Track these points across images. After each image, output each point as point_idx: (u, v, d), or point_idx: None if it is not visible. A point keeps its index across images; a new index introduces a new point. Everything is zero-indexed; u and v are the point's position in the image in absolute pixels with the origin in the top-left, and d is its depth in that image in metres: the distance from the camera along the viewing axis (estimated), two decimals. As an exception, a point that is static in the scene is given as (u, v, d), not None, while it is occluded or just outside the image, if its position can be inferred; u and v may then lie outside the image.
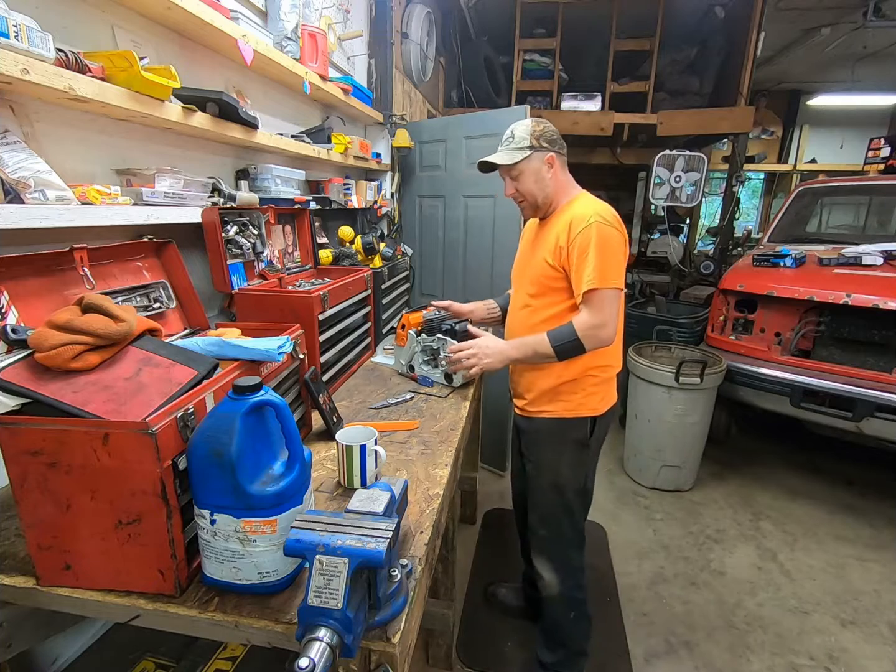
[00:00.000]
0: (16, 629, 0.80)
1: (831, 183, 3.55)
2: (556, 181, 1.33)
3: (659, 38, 3.88)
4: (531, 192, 1.32)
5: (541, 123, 1.31)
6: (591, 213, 1.23)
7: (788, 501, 2.59)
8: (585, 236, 1.22)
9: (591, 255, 1.21)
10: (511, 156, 1.30)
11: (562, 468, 1.40)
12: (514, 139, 1.31)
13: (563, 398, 1.37)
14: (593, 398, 1.38)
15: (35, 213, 0.85)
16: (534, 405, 1.41)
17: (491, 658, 1.68)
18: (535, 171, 1.31)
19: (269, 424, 0.72)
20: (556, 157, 1.32)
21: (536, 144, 1.29)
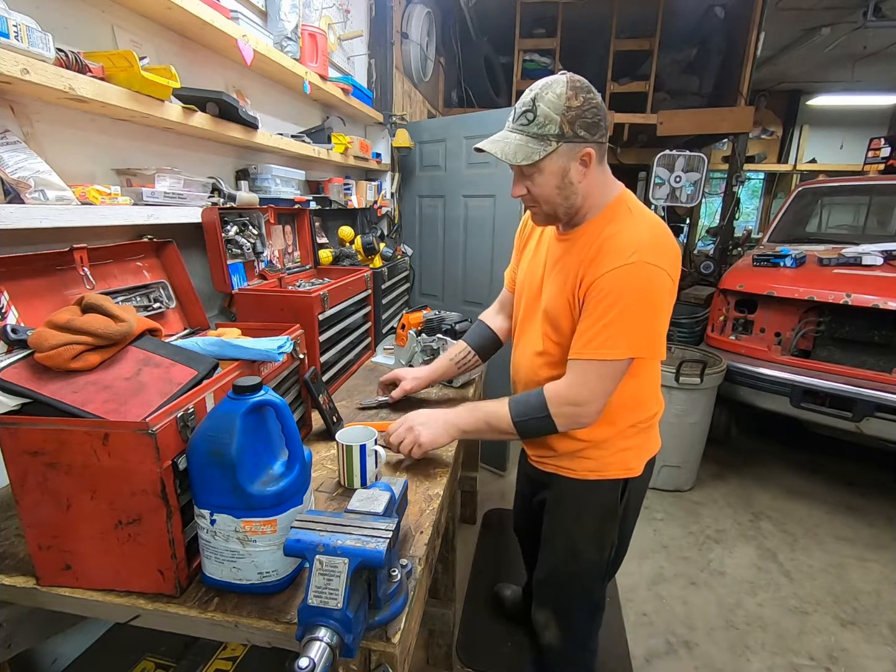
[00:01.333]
0: (16, 629, 0.80)
1: (831, 183, 3.55)
2: (589, 184, 0.92)
3: (659, 38, 3.88)
4: (549, 199, 0.93)
5: (579, 94, 0.85)
6: (634, 245, 0.86)
7: (788, 501, 2.59)
8: (621, 279, 0.86)
9: (622, 306, 0.86)
10: (527, 150, 0.87)
11: (579, 537, 1.13)
12: (535, 117, 0.86)
13: (587, 456, 1.07)
14: (627, 454, 1.07)
15: (35, 213, 0.85)
16: (549, 461, 1.13)
17: (491, 659, 1.68)
18: (560, 172, 0.89)
19: (269, 424, 0.72)
20: (596, 150, 0.89)
21: (569, 132, 0.85)
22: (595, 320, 0.89)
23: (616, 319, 0.87)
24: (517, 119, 0.89)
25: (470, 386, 1.51)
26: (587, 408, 0.93)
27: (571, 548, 1.14)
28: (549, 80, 0.88)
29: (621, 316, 0.87)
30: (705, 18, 4.00)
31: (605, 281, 0.87)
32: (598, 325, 0.89)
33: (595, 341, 0.89)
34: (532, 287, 1.10)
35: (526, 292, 1.13)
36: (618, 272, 0.86)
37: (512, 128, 0.90)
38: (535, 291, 1.08)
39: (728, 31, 3.91)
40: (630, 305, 0.86)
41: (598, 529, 1.12)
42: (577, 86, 0.87)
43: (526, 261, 1.16)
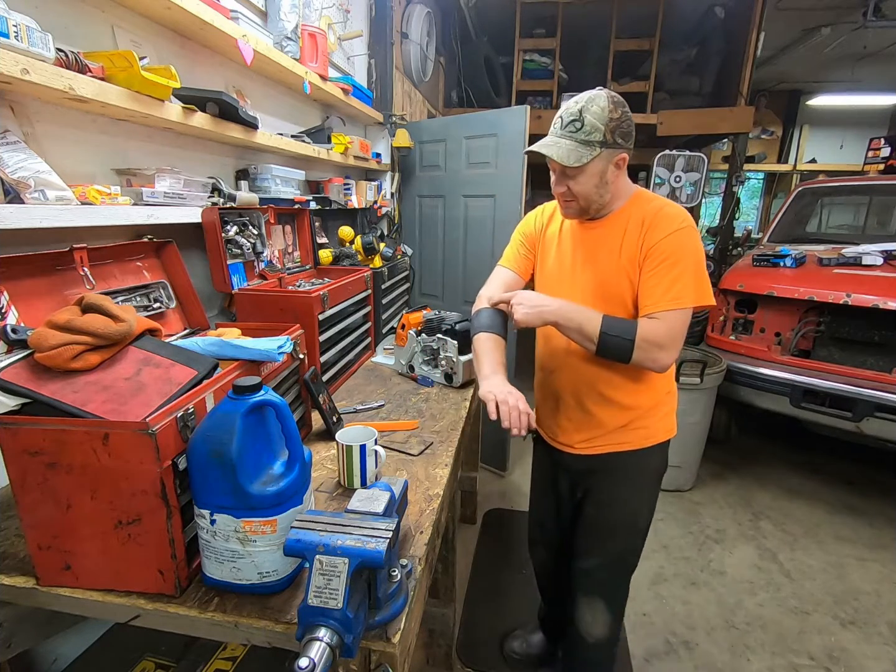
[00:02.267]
0: (16, 629, 0.80)
1: (831, 183, 3.55)
2: (618, 184, 1.07)
3: (659, 38, 3.88)
4: (588, 196, 1.05)
5: (619, 108, 1.00)
6: (681, 215, 1.03)
7: (788, 501, 2.59)
8: (677, 241, 1.01)
9: (685, 264, 1.00)
10: (577, 154, 1.00)
11: (639, 505, 1.22)
12: (583, 125, 0.99)
13: (638, 425, 1.17)
14: (669, 417, 1.21)
15: (35, 213, 0.85)
16: (599, 441, 1.20)
17: (491, 658, 1.68)
18: (600, 173, 1.03)
19: (269, 424, 0.72)
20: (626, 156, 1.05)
21: (610, 139, 1.00)
22: (664, 275, 1.01)
23: (683, 273, 1.00)
24: (565, 126, 1.02)
25: (470, 386, 1.51)
26: (668, 352, 1.02)
27: (632, 519, 1.22)
28: (591, 95, 1.01)
29: (686, 270, 1.00)
30: (705, 18, 4.00)
31: (667, 243, 1.01)
32: (668, 279, 1.01)
33: (671, 292, 1.01)
34: (563, 277, 1.18)
35: (555, 283, 1.20)
36: (676, 235, 1.01)
37: (560, 134, 1.03)
38: (567, 279, 1.17)
39: (728, 31, 3.91)
40: (690, 261, 1.01)
41: (651, 492, 1.23)
42: (616, 100, 1.01)
43: (551, 255, 1.22)
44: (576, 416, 1.21)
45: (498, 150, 2.34)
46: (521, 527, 2.35)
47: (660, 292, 1.02)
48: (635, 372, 1.11)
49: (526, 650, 1.65)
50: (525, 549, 2.17)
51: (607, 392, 1.15)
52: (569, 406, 1.22)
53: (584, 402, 1.18)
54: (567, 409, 1.22)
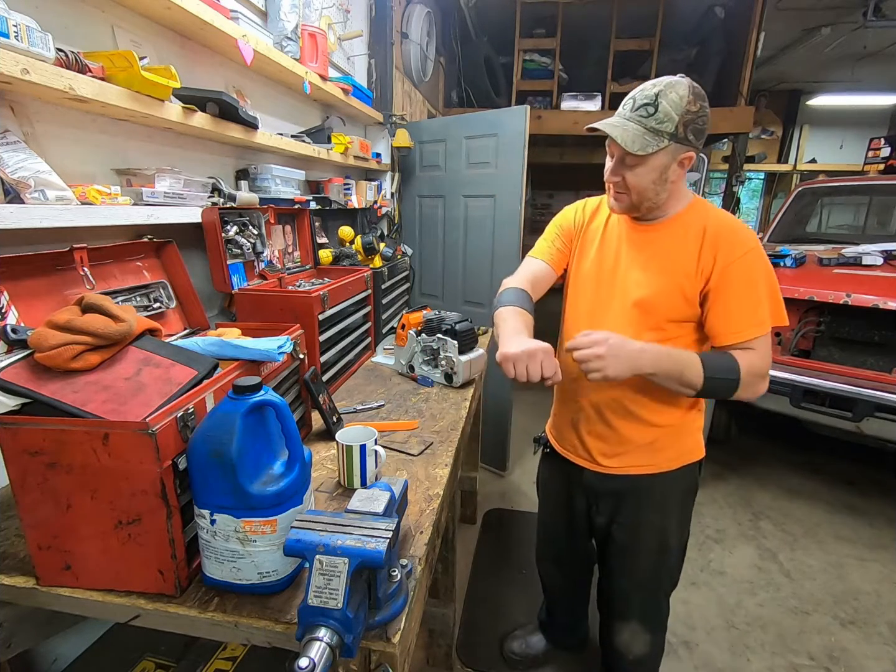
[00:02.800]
0: (16, 629, 0.80)
1: (831, 183, 3.55)
2: (676, 186, 0.99)
3: (659, 38, 3.89)
4: (643, 191, 0.97)
5: (698, 100, 0.90)
6: (748, 233, 0.98)
7: (788, 501, 2.59)
8: (753, 262, 0.96)
9: (763, 285, 0.96)
10: (643, 141, 0.90)
11: (669, 527, 1.16)
12: (656, 111, 0.90)
13: (665, 444, 1.10)
14: (698, 434, 1.13)
15: (35, 213, 0.85)
16: (626, 458, 1.13)
17: (491, 658, 1.68)
18: (661, 168, 0.94)
19: (269, 424, 0.72)
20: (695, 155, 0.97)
21: (682, 133, 0.90)
22: (745, 300, 0.96)
23: (763, 296, 0.96)
24: (636, 109, 0.92)
25: (470, 386, 1.51)
26: (766, 379, 1.00)
27: (663, 540, 1.17)
28: (672, 81, 0.92)
29: (764, 292, 0.97)
30: (705, 18, 4.00)
31: (743, 265, 0.95)
32: (751, 304, 0.96)
33: (755, 318, 0.96)
34: (602, 280, 1.10)
35: (592, 285, 1.12)
36: (751, 256, 0.96)
37: (629, 116, 0.93)
38: (606, 283, 1.09)
39: (728, 31, 3.91)
40: (766, 281, 0.97)
41: (682, 513, 1.17)
42: (697, 92, 0.92)
43: (589, 254, 1.13)
44: (598, 429, 1.13)
45: (498, 150, 2.34)
46: (521, 527, 2.35)
47: (746, 319, 0.96)
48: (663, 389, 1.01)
49: (525, 651, 1.65)
50: (525, 549, 2.18)
51: (633, 408, 1.09)
52: (590, 418, 1.14)
53: (607, 416, 1.11)
54: (589, 421, 1.15)
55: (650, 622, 1.25)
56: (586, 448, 1.17)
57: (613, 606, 1.29)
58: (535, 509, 2.18)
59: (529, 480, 2.77)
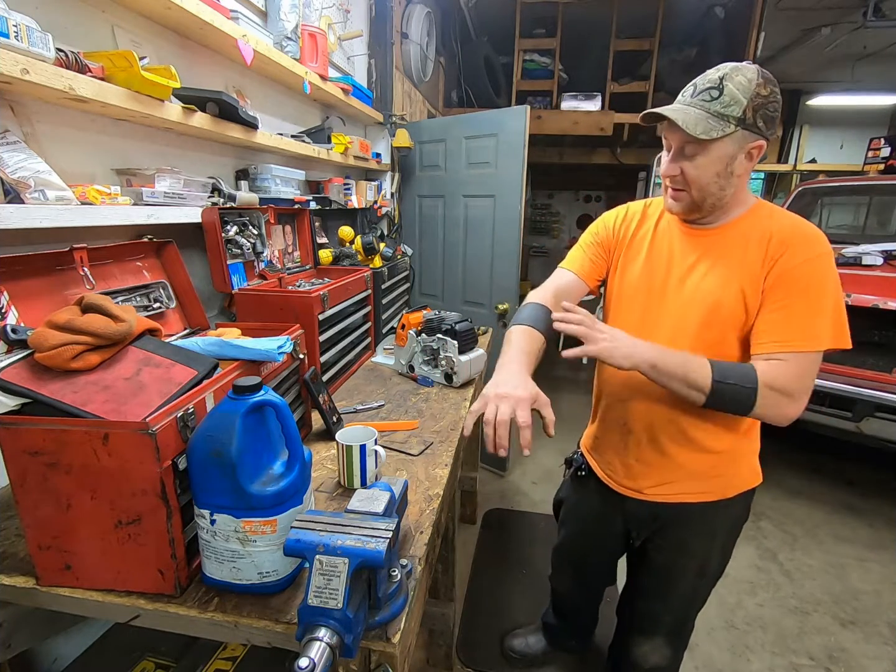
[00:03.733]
0: (16, 629, 0.80)
1: (831, 183, 3.55)
2: (743, 181, 0.89)
3: (659, 38, 3.89)
4: (705, 186, 0.87)
5: (768, 84, 0.83)
6: (820, 237, 0.86)
7: (788, 501, 2.59)
8: (819, 269, 0.84)
9: (826, 297, 0.84)
10: (706, 125, 0.82)
11: (712, 553, 1.09)
12: (721, 94, 0.82)
13: (721, 473, 1.02)
14: (755, 459, 1.05)
15: (35, 213, 0.85)
16: (676, 487, 1.04)
17: (491, 658, 1.68)
18: (726, 159, 0.85)
19: (269, 424, 0.72)
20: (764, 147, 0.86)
21: (750, 118, 0.82)
22: (799, 308, 0.85)
23: (824, 309, 0.84)
24: (698, 94, 0.84)
25: (470, 386, 1.51)
26: (797, 402, 0.85)
27: (701, 567, 1.10)
28: (739, 65, 0.84)
29: (827, 305, 0.84)
30: (705, 18, 3.99)
31: (805, 270, 0.84)
32: (805, 313, 0.84)
33: (808, 330, 0.84)
34: (653, 291, 1.00)
35: (640, 297, 1.02)
36: (817, 261, 0.85)
37: (690, 102, 0.85)
38: (657, 295, 0.99)
39: (728, 31, 3.90)
40: (832, 294, 0.85)
41: (728, 542, 1.10)
42: (768, 76, 0.84)
43: (637, 262, 1.03)
44: (648, 456, 1.04)
45: (498, 150, 2.34)
46: (520, 527, 2.35)
47: (793, 328, 0.84)
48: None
49: (525, 649, 1.65)
50: (525, 549, 2.18)
51: (690, 431, 0.99)
52: (640, 443, 1.04)
53: (661, 440, 1.02)
54: (638, 446, 1.05)
55: (675, 640, 1.21)
56: (632, 475, 1.08)
57: (640, 623, 1.24)
58: (535, 509, 2.17)
59: (529, 480, 2.77)
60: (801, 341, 0.84)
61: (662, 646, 1.20)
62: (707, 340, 0.93)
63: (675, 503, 1.05)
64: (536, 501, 2.57)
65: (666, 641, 1.21)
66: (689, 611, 1.19)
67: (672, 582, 1.14)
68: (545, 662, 1.65)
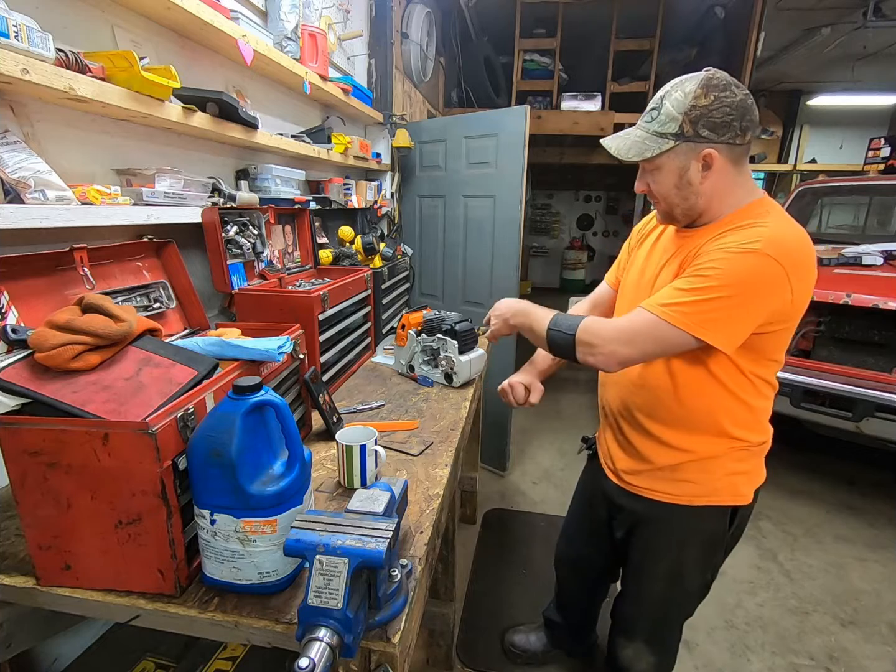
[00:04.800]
0: (16, 629, 0.80)
1: (831, 183, 3.55)
2: (714, 186, 0.88)
3: (659, 38, 3.88)
4: (667, 197, 0.91)
5: (710, 92, 0.82)
6: (764, 236, 0.81)
7: (788, 501, 2.59)
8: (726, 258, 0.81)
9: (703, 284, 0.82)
10: (642, 146, 0.87)
11: (683, 567, 1.09)
12: (660, 112, 0.86)
13: (691, 478, 1.00)
14: (737, 479, 1.00)
15: (35, 213, 0.85)
16: (646, 478, 1.06)
17: (491, 658, 1.68)
18: (679, 171, 0.87)
19: (269, 424, 0.72)
20: (723, 152, 0.84)
21: (689, 131, 0.83)
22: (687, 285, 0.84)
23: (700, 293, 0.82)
24: (644, 116, 0.90)
25: (470, 386, 1.51)
26: (604, 347, 0.87)
27: (675, 575, 1.10)
28: (683, 78, 0.87)
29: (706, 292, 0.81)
30: (705, 18, 3.99)
31: (715, 254, 0.83)
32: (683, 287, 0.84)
33: (670, 299, 0.84)
34: (640, 291, 1.03)
35: (630, 296, 1.06)
36: (732, 252, 0.81)
37: (638, 125, 0.91)
38: (644, 290, 1.01)
39: (728, 31, 3.90)
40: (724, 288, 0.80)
41: (703, 557, 1.08)
42: (712, 84, 0.83)
43: (640, 259, 1.08)
44: (619, 440, 1.10)
45: (498, 150, 2.34)
46: (521, 527, 2.35)
47: (667, 296, 0.85)
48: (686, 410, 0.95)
49: (525, 645, 1.65)
50: (525, 549, 2.18)
51: (646, 423, 1.02)
52: (612, 426, 1.11)
53: (623, 426, 1.07)
54: (612, 429, 1.12)
55: (656, 646, 1.21)
56: (611, 457, 1.14)
57: (619, 624, 1.27)
58: (535, 509, 2.18)
59: (529, 480, 2.77)
60: (654, 304, 0.85)
61: (645, 651, 1.20)
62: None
63: (645, 498, 1.07)
64: (536, 501, 2.57)
65: (646, 646, 1.20)
66: (666, 617, 1.18)
67: (642, 584, 1.17)
68: (545, 662, 1.65)
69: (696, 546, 1.07)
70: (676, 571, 1.10)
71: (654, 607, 1.17)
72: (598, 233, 8.60)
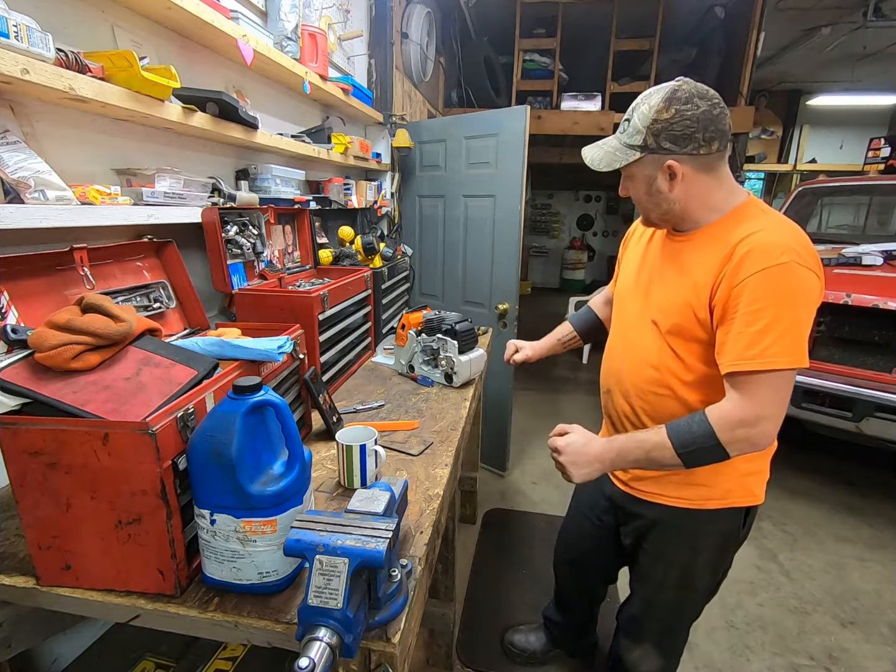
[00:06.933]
0: (16, 629, 0.80)
1: (831, 183, 3.55)
2: (687, 193, 0.90)
3: (659, 38, 3.88)
4: (641, 203, 0.96)
5: (672, 105, 0.84)
6: (782, 245, 0.81)
7: (788, 501, 2.59)
8: (768, 281, 0.80)
9: (770, 314, 0.80)
10: (613, 157, 0.92)
11: (696, 570, 1.08)
12: (630, 123, 0.90)
13: (704, 481, 0.99)
14: (750, 479, 1.00)
15: (35, 213, 0.85)
16: (652, 486, 1.05)
17: (491, 658, 1.68)
18: (647, 180, 0.91)
19: (269, 424, 0.72)
20: (686, 162, 0.87)
21: (652, 144, 0.87)
22: (747, 326, 0.81)
23: (774, 324, 0.80)
24: (620, 125, 0.94)
25: (470, 386, 1.51)
26: (763, 427, 0.82)
27: (688, 579, 1.10)
28: (651, 91, 0.90)
29: (778, 320, 0.80)
30: (705, 18, 3.99)
31: (754, 283, 0.81)
32: (751, 331, 0.81)
33: (755, 348, 0.81)
34: (636, 295, 1.05)
35: (629, 296, 1.07)
36: (768, 273, 0.80)
37: (615, 134, 0.95)
38: (640, 294, 1.04)
39: (728, 31, 3.90)
40: (787, 309, 0.80)
41: (716, 559, 1.08)
42: (675, 97, 0.85)
43: (629, 268, 1.11)
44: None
45: (498, 150, 2.34)
46: (521, 527, 2.35)
47: (741, 346, 0.82)
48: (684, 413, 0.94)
49: (525, 645, 1.66)
50: (525, 549, 2.19)
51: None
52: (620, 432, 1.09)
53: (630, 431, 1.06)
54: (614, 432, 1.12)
55: (664, 648, 1.21)
56: None
57: (627, 627, 1.27)
58: (535, 509, 2.18)
59: (529, 480, 2.77)
60: (742, 361, 0.82)
61: (652, 653, 1.20)
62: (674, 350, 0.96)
63: (657, 504, 1.06)
64: (536, 501, 2.57)
65: (654, 648, 1.21)
66: (676, 621, 1.19)
67: (653, 589, 1.16)
68: (545, 662, 1.65)
69: (709, 549, 1.07)
70: (689, 576, 1.09)
71: (664, 611, 1.17)
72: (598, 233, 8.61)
